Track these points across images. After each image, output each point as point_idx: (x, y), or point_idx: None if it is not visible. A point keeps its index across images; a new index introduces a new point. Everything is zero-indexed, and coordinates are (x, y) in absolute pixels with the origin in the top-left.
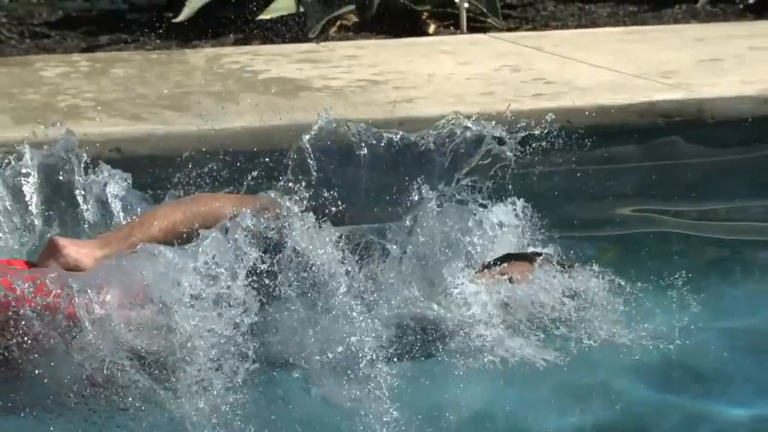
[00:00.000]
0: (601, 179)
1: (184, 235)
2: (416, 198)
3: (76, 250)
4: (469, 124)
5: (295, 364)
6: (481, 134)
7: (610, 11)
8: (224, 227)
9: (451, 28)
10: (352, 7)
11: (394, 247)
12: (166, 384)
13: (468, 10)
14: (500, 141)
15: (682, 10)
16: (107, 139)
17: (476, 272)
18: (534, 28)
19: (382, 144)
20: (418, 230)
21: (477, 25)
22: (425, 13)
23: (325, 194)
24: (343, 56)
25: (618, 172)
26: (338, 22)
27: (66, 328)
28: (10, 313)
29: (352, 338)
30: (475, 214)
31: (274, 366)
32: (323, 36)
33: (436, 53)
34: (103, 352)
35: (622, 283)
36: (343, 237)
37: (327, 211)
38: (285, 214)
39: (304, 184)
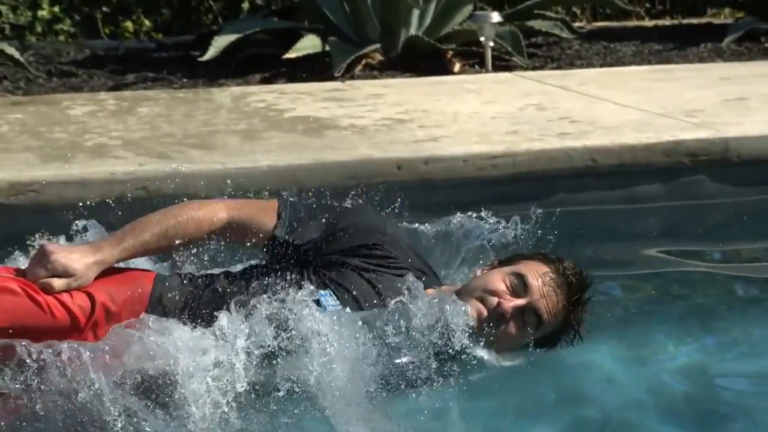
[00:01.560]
0: (626, 218)
1: (177, 240)
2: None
3: (65, 255)
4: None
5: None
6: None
7: (635, 50)
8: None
9: (476, 66)
10: (377, 45)
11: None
12: None
13: (493, 49)
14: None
15: (708, 49)
16: (134, 178)
17: (488, 268)
18: (559, 67)
19: None
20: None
21: (502, 64)
22: (450, 52)
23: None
24: (369, 95)
25: (643, 211)
26: (363, 61)
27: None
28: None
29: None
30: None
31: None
32: (349, 75)
33: (461, 92)
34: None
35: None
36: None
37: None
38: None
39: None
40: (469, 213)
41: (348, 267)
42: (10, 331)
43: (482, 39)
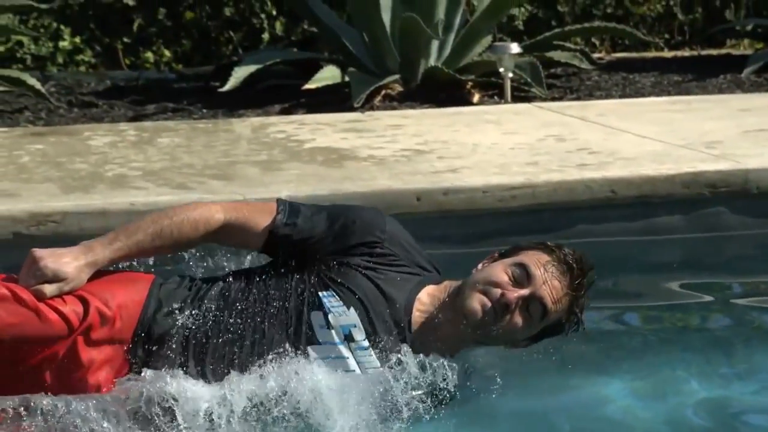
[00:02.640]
0: (645, 249)
1: (173, 241)
2: None
3: (54, 260)
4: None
5: None
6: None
7: (654, 81)
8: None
9: (495, 97)
10: (396, 76)
11: None
12: None
13: (512, 80)
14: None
15: (727, 80)
16: (154, 208)
17: (488, 261)
18: (578, 98)
19: None
20: None
21: (521, 95)
22: (469, 83)
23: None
24: (388, 125)
25: (663, 243)
26: (383, 92)
27: None
28: None
29: None
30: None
31: None
32: (368, 105)
33: (481, 123)
34: None
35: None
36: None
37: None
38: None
39: None
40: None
41: (349, 266)
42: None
43: (501, 70)
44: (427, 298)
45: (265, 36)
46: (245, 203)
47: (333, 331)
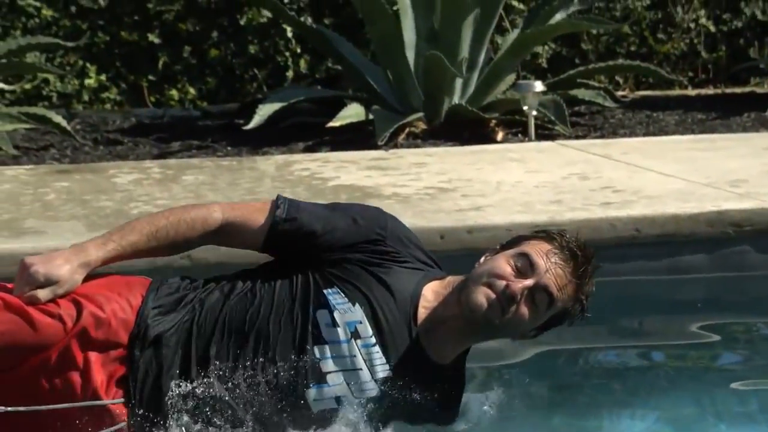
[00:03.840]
0: (669, 288)
1: (169, 241)
2: None
3: (44, 264)
4: None
5: None
6: None
7: (678, 119)
8: None
9: (519, 135)
10: (420, 114)
11: None
12: None
13: (536, 118)
14: None
15: (751, 119)
16: None
17: (491, 254)
18: (602, 136)
19: None
20: None
21: (545, 133)
22: (493, 121)
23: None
24: (412, 163)
25: (687, 282)
26: (407, 129)
27: None
28: None
29: None
30: None
31: None
32: (392, 143)
33: (504, 160)
34: None
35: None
36: None
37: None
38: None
39: None
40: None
41: (352, 263)
42: None
43: (525, 108)
44: (431, 293)
45: (290, 74)
46: (244, 203)
47: (339, 329)
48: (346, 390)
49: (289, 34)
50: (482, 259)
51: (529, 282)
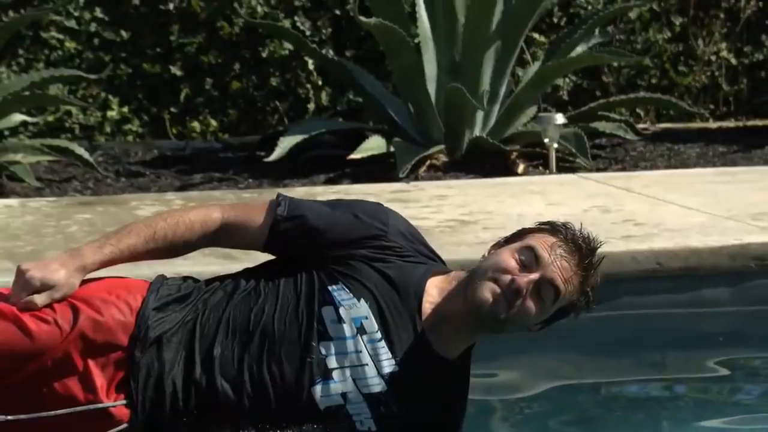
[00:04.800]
0: (691, 322)
1: (167, 243)
2: None
3: (39, 270)
4: None
5: None
6: None
7: (699, 152)
8: None
9: (540, 168)
10: (441, 146)
11: None
12: None
13: (557, 150)
14: None
15: None
16: (200, 278)
17: (495, 248)
18: (623, 169)
19: None
20: None
21: (566, 165)
22: (514, 153)
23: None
24: (433, 196)
25: (709, 316)
26: (428, 162)
27: None
28: None
29: None
30: None
31: None
32: (413, 175)
33: (525, 193)
34: None
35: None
36: None
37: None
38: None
39: None
40: None
41: (355, 258)
42: None
43: (546, 140)
44: (435, 287)
45: (311, 106)
46: (244, 202)
47: (345, 325)
48: (352, 386)
49: (311, 67)
50: (487, 253)
51: (534, 276)
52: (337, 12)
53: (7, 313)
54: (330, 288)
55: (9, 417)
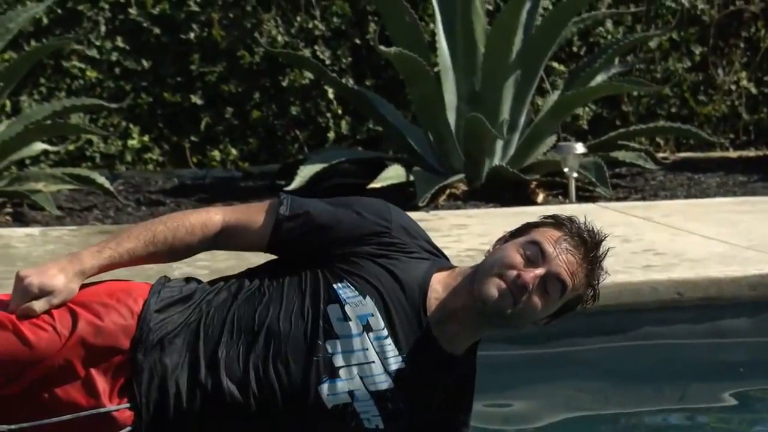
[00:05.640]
0: (712, 352)
1: (168, 247)
2: None
3: (37, 276)
4: None
5: None
6: None
7: (719, 181)
8: None
9: (560, 197)
10: (461, 176)
11: None
12: None
13: (577, 180)
14: None
15: None
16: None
17: (499, 243)
18: (643, 198)
19: None
20: None
21: (586, 195)
22: (534, 182)
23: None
24: (453, 225)
25: (729, 346)
26: (447, 191)
27: None
28: None
29: None
30: None
31: None
32: (433, 204)
33: None
34: None
35: None
36: None
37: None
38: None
39: None
40: None
41: (359, 256)
42: None
43: (566, 170)
44: (440, 283)
45: (331, 135)
46: (245, 204)
47: (351, 323)
48: (359, 384)
49: (331, 96)
50: (492, 249)
51: (540, 271)
52: (357, 41)
53: (4, 323)
54: (335, 286)
55: (12, 426)
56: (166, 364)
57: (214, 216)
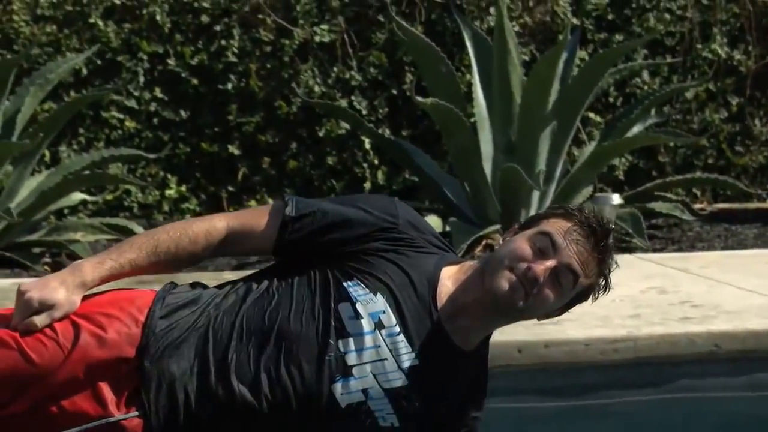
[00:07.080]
0: (750, 405)
1: (170, 256)
2: None
3: (38, 290)
4: None
5: None
6: None
7: (757, 232)
8: None
9: None
10: (497, 226)
11: None
12: None
13: (613, 231)
14: None
15: None
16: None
17: (509, 235)
18: (680, 249)
19: None
20: None
21: (622, 246)
22: None
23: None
24: None
25: (767, 400)
26: (484, 242)
27: None
28: None
29: None
30: None
31: None
32: (469, 255)
33: None
34: None
35: None
36: None
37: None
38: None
39: None
40: None
41: (368, 253)
42: None
43: None
44: (449, 278)
45: (367, 185)
46: (248, 209)
47: (363, 321)
48: (373, 381)
49: (367, 146)
50: (501, 242)
51: (551, 263)
52: (394, 92)
53: (7, 340)
54: (345, 284)
55: None
56: (174, 370)
57: (218, 223)
